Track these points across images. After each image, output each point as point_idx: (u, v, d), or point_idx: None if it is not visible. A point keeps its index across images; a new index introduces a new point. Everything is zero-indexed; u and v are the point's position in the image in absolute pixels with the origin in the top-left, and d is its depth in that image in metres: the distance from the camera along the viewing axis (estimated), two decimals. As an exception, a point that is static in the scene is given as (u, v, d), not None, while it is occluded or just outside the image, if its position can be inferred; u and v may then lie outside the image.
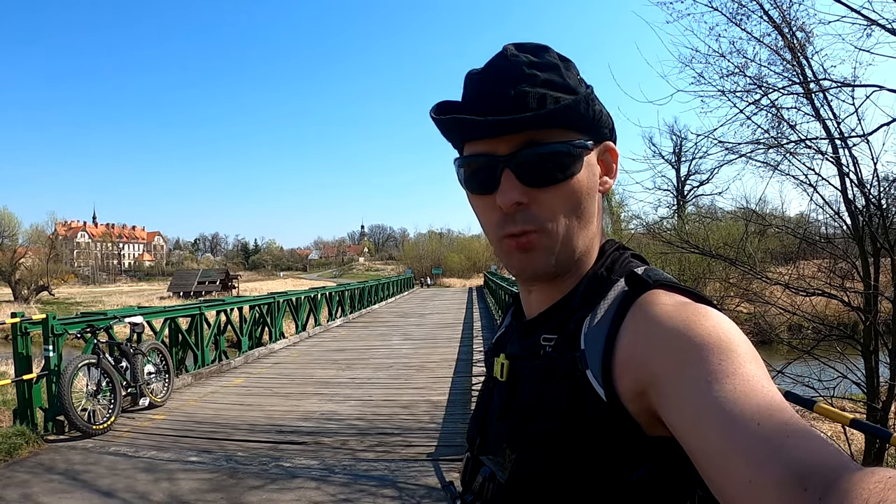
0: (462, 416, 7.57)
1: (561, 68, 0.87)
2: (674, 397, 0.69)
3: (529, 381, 0.89)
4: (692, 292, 0.82)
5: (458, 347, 13.98)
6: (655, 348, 0.73)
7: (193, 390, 9.48)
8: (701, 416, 0.65)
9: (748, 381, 0.65)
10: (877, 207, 8.13)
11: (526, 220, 0.84)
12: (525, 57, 0.86)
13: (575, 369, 0.81)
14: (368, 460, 5.96)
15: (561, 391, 0.82)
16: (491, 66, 0.88)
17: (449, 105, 0.90)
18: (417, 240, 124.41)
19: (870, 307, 8.39)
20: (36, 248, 70.82)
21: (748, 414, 0.61)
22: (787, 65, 8.08)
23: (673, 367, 0.70)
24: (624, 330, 0.78)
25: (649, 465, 0.74)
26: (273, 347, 14.21)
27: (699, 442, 0.64)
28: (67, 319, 7.93)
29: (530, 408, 0.86)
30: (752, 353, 0.70)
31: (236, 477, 5.51)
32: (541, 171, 0.84)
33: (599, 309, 0.84)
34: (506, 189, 0.84)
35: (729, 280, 14.39)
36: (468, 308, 26.90)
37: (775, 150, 8.72)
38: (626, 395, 0.75)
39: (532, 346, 0.91)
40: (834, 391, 9.04)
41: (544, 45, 0.89)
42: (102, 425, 6.88)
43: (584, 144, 0.86)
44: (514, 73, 0.85)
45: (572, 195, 0.85)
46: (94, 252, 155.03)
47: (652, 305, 0.78)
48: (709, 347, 0.69)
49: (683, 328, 0.72)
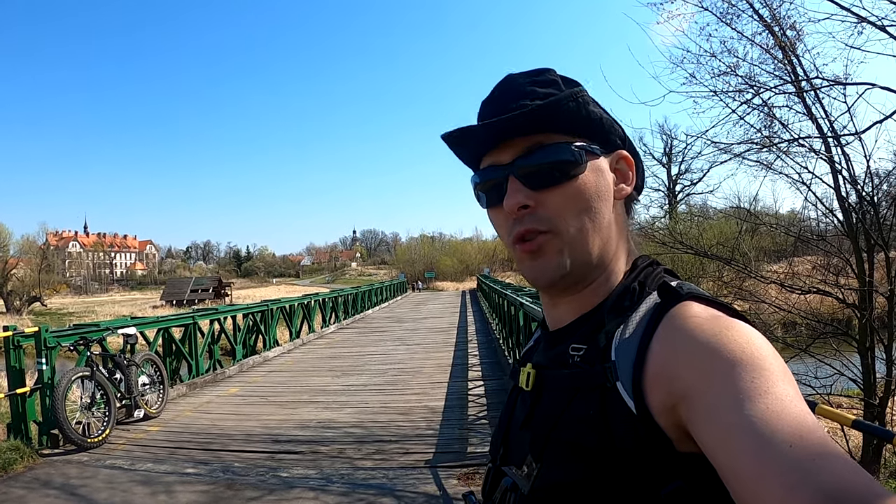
0: (459, 421, 7.56)
1: (561, 84, 0.89)
2: (705, 414, 0.68)
3: (556, 390, 0.88)
4: (726, 306, 0.81)
5: (454, 352, 13.99)
6: (687, 362, 0.72)
7: (188, 400, 9.41)
8: (732, 435, 0.64)
9: (781, 401, 0.65)
10: (870, 204, 8.18)
11: (532, 221, 0.86)
12: (527, 78, 0.91)
13: (605, 381, 0.80)
14: (366, 469, 5.92)
15: (590, 402, 0.81)
16: (496, 90, 0.92)
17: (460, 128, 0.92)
18: (409, 244, 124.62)
19: (865, 304, 8.43)
20: (27, 258, 70.62)
21: (780, 435, 0.61)
22: (779, 63, 8.11)
23: (705, 383, 0.69)
24: (655, 342, 0.77)
25: (679, 481, 0.73)
26: (267, 355, 14.14)
27: (730, 461, 0.64)
28: (60, 332, 7.86)
29: (555, 417, 0.84)
30: (784, 370, 0.70)
31: (234, 488, 5.46)
32: (543, 174, 0.86)
33: (631, 321, 0.83)
34: (511, 194, 0.86)
35: (722, 279, 14.44)
36: (462, 312, 26.96)
37: (767, 150, 8.75)
38: (657, 408, 0.74)
39: (559, 356, 0.90)
40: (831, 388, 9.06)
41: (547, 67, 0.93)
42: (97, 438, 6.81)
43: (585, 147, 0.87)
44: (514, 92, 0.89)
45: (579, 196, 0.86)
46: (85, 262, 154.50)
47: (684, 318, 0.77)
48: (741, 364, 0.68)
49: (715, 343, 0.71)
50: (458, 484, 5.41)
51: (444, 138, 0.92)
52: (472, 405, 8.49)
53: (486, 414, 7.86)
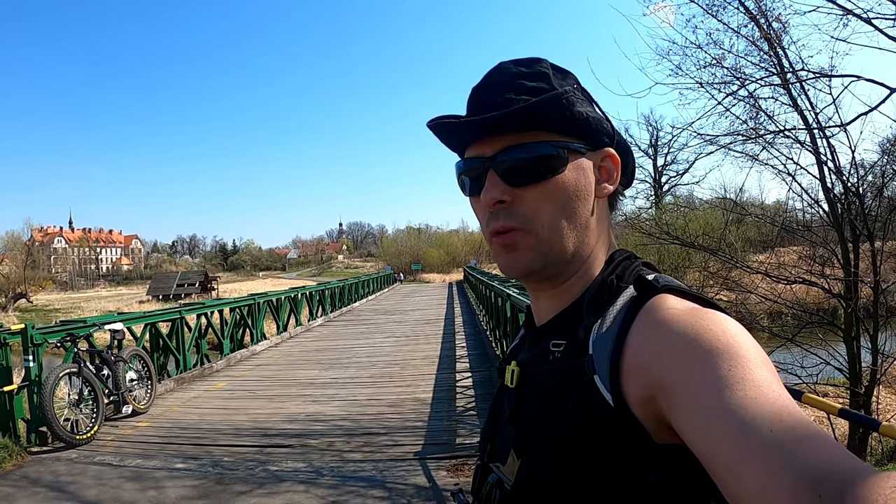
0: (447, 413, 7.59)
1: (551, 77, 0.89)
2: (684, 404, 0.68)
3: (538, 386, 0.89)
4: (702, 297, 0.81)
5: (441, 344, 14.01)
6: (664, 354, 0.73)
7: (176, 395, 9.39)
8: (712, 422, 0.64)
9: (759, 387, 0.65)
10: (855, 195, 8.22)
11: (508, 217, 0.87)
12: (516, 69, 0.90)
13: (583, 374, 0.80)
14: (356, 461, 5.94)
15: (568, 396, 0.81)
16: (484, 79, 0.92)
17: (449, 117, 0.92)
18: (396, 236, 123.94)
19: (851, 294, 8.47)
20: (12, 255, 69.80)
21: (760, 420, 0.61)
22: (765, 55, 8.15)
23: (682, 374, 0.70)
24: (632, 335, 0.78)
25: (658, 473, 0.73)
26: (255, 349, 14.12)
27: (711, 448, 0.64)
28: (47, 328, 7.82)
29: (537, 413, 0.85)
30: (762, 357, 0.70)
31: (223, 483, 5.46)
32: (522, 171, 0.86)
33: (608, 314, 0.83)
34: (489, 188, 0.87)
35: (708, 269, 14.50)
36: (449, 304, 26.98)
37: (753, 141, 8.79)
38: (634, 400, 0.74)
39: (541, 353, 0.91)
40: (817, 378, 9.14)
41: (539, 57, 0.92)
42: (86, 435, 6.77)
43: (567, 145, 0.87)
44: (502, 84, 0.89)
45: (557, 194, 0.86)
46: (71, 257, 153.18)
47: (660, 310, 0.78)
48: (718, 353, 0.69)
49: (692, 333, 0.72)
50: (447, 475, 5.42)
51: (429, 127, 0.93)
52: (461, 396, 8.52)
53: (475, 405, 7.89)
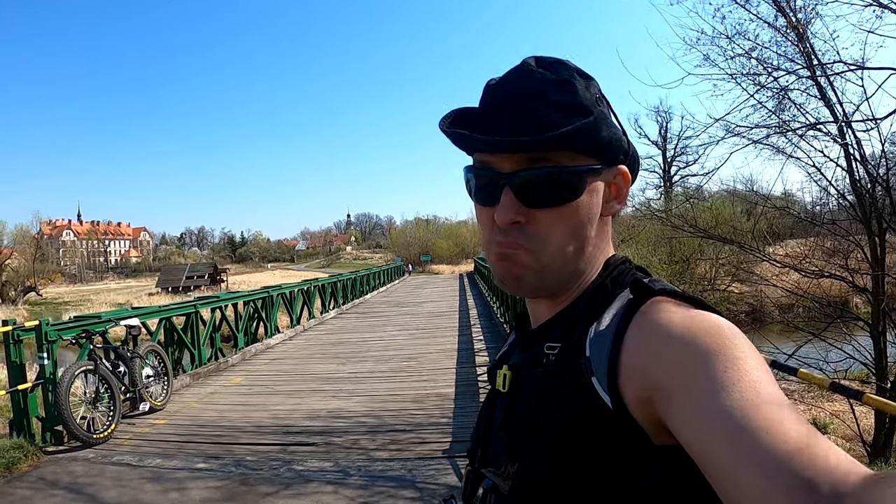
0: (473, 408, 7.43)
1: (576, 86, 0.87)
2: (680, 406, 0.68)
3: (532, 389, 0.88)
4: (697, 300, 0.81)
5: (458, 337, 13.90)
6: (660, 356, 0.73)
7: (193, 391, 9.29)
8: (708, 424, 0.64)
9: (755, 388, 0.64)
10: (884, 188, 8.11)
11: (519, 237, 0.86)
12: (540, 73, 0.87)
13: (580, 377, 0.80)
14: (383, 460, 5.82)
15: (565, 399, 0.81)
16: (506, 79, 0.89)
17: (462, 112, 0.91)
18: (404, 227, 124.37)
19: (878, 288, 8.41)
20: (21, 248, 70.08)
21: (756, 422, 0.61)
22: (793, 47, 8.07)
23: (678, 376, 0.69)
24: (629, 337, 0.77)
25: (657, 474, 0.73)
26: (269, 342, 14.06)
27: (707, 450, 0.64)
28: (61, 325, 7.69)
29: (533, 417, 0.85)
30: (757, 358, 0.70)
31: (248, 483, 5.33)
32: (540, 193, 0.85)
33: (605, 317, 0.83)
34: (504, 207, 0.85)
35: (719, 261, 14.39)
36: (461, 296, 26.82)
37: (780, 134, 8.72)
38: (633, 402, 0.74)
39: (534, 356, 0.91)
40: (846, 373, 9.08)
41: (563, 59, 0.90)
42: (103, 434, 6.65)
43: (590, 169, 0.86)
44: (524, 89, 0.86)
45: (570, 218, 0.86)
46: (80, 250, 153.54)
47: (656, 313, 0.77)
48: (714, 354, 0.68)
49: (688, 335, 0.72)
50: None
51: (441, 129, 0.90)
52: (483, 391, 8.34)
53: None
